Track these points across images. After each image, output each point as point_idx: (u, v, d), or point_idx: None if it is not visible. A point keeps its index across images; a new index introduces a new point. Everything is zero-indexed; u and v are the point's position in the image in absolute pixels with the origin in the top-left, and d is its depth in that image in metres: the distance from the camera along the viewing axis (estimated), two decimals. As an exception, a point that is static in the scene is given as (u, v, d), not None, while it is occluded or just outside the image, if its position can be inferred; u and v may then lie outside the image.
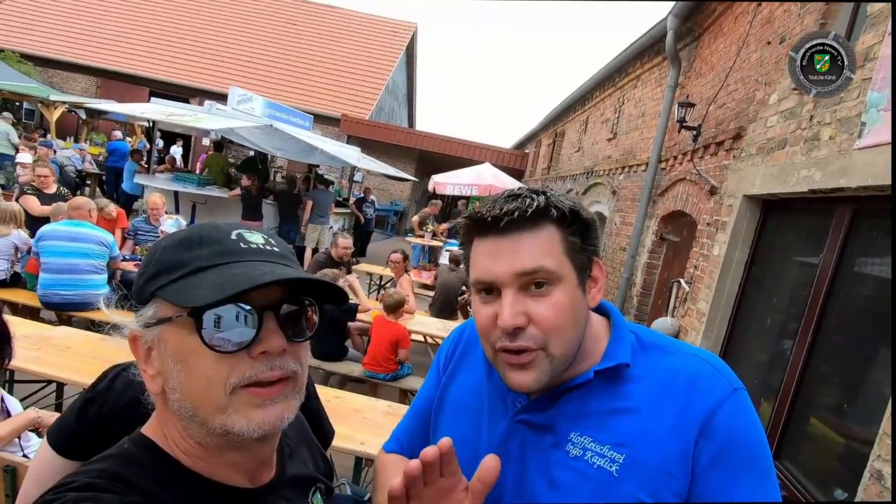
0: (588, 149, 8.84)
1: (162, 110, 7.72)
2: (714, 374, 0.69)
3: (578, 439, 0.69)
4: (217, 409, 0.54)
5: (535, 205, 0.66)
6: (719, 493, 0.64)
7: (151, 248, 0.61)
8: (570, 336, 0.68)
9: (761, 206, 3.36)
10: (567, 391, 0.72)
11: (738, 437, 0.65)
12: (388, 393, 3.83)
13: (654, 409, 0.67)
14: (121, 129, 12.08)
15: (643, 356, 0.73)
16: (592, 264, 0.72)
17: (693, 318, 3.81)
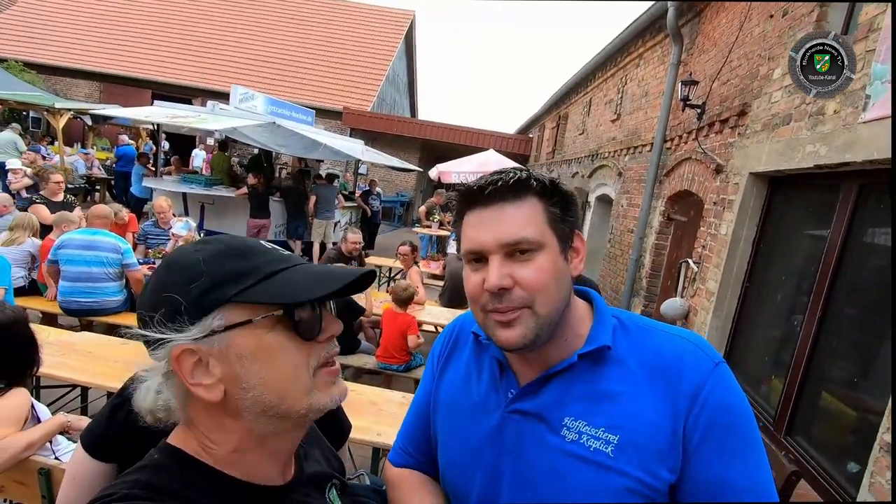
0: (592, 131, 8.77)
1: (165, 113, 7.78)
2: (696, 351, 0.71)
3: (573, 423, 0.71)
4: (304, 391, 0.62)
5: (517, 177, 0.71)
6: (710, 466, 0.67)
7: (182, 264, 0.60)
8: (553, 297, 0.71)
9: (768, 184, 3.34)
10: (554, 376, 0.74)
11: (722, 410, 0.68)
12: (403, 384, 3.90)
13: (642, 390, 0.70)
14: (126, 133, 12.19)
15: (626, 338, 0.75)
16: (573, 235, 0.75)
17: (702, 298, 3.81)
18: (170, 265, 0.61)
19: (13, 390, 1.72)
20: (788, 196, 3.19)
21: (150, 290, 0.61)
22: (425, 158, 16.04)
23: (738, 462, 0.67)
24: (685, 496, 0.68)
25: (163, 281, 0.60)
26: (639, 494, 0.67)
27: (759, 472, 0.68)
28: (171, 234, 4.83)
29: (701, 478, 0.67)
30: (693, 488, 0.68)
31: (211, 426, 0.63)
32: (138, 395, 0.63)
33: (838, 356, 2.51)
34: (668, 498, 0.69)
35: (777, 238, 3.26)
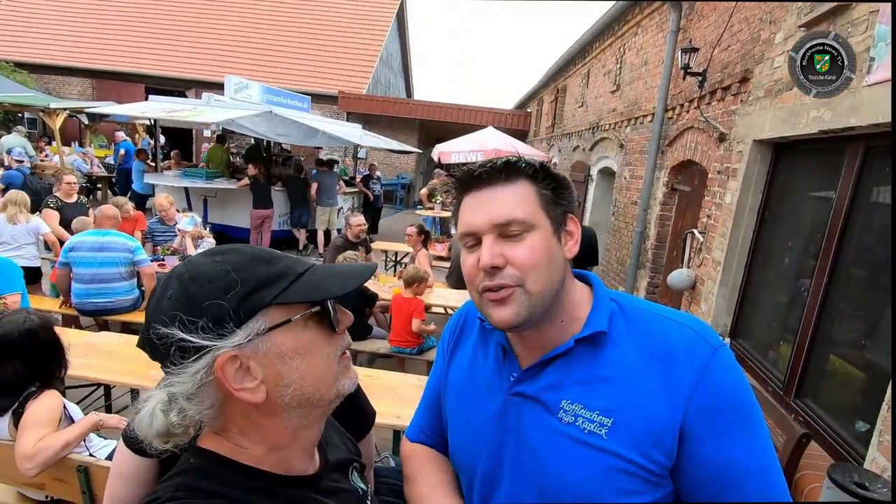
0: (592, 103, 8.67)
1: (162, 107, 7.75)
2: (694, 337, 0.72)
3: (570, 406, 0.74)
4: (333, 379, 0.68)
5: (507, 162, 0.75)
6: (714, 450, 0.68)
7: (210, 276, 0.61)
8: (545, 276, 0.73)
9: (772, 150, 3.32)
10: (552, 360, 0.77)
11: (722, 395, 0.69)
12: (416, 366, 3.97)
13: (639, 374, 0.72)
14: (122, 130, 12.14)
15: (625, 323, 0.76)
16: (566, 218, 0.77)
17: (709, 268, 3.83)
18: (195, 279, 0.61)
19: (45, 392, 1.78)
20: (793, 162, 3.18)
21: (179, 309, 0.59)
22: (424, 139, 15.92)
23: (741, 444, 0.68)
24: (691, 480, 0.70)
25: (194, 296, 0.60)
26: (633, 475, 0.70)
27: (763, 453, 0.69)
28: (177, 229, 4.86)
29: (706, 462, 0.69)
30: (698, 472, 0.70)
31: (247, 428, 0.65)
32: (142, 424, 0.62)
33: (845, 318, 2.55)
34: (666, 480, 0.71)
35: (782, 204, 3.26)
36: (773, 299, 3.26)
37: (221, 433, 0.66)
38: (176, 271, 0.64)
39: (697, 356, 0.70)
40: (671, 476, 0.71)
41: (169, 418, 0.61)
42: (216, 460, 0.64)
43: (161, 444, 0.63)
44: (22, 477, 1.72)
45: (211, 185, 7.98)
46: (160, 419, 0.61)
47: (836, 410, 2.47)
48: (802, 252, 2.95)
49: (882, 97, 2.12)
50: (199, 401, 0.61)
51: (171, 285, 0.62)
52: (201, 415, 0.61)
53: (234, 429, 0.65)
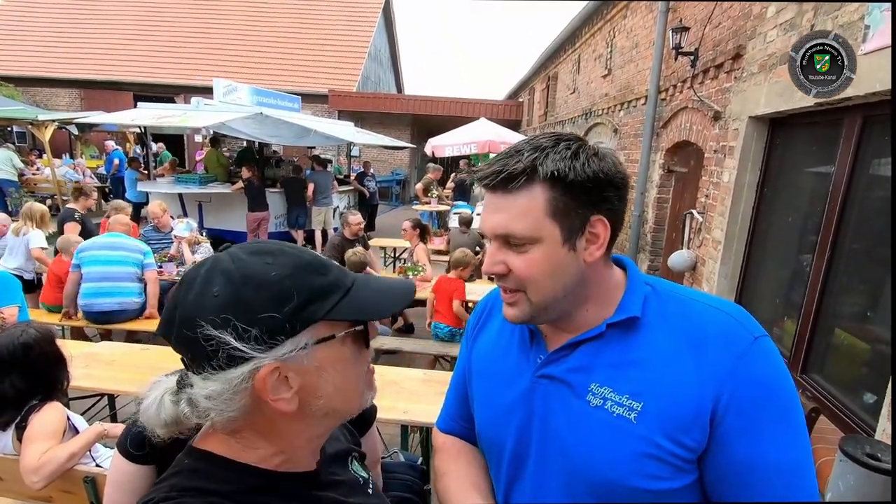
0: (584, 89, 8.62)
1: (151, 114, 7.68)
2: (733, 325, 0.70)
3: (598, 390, 0.72)
4: (360, 394, 0.68)
5: (519, 167, 0.69)
6: (747, 443, 0.66)
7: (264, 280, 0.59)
8: (546, 287, 0.72)
9: (768, 126, 3.30)
10: (582, 343, 0.76)
11: (760, 387, 0.66)
12: (421, 361, 3.96)
13: (672, 360, 0.70)
14: (113, 139, 12.06)
15: (659, 307, 0.74)
16: (589, 223, 0.72)
17: (709, 248, 3.82)
18: (247, 281, 0.58)
19: (48, 405, 1.76)
20: (790, 136, 3.16)
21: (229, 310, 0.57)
22: (416, 134, 15.85)
23: (774, 438, 0.66)
24: (718, 468, 0.69)
25: (247, 299, 0.57)
26: (661, 461, 0.68)
27: (797, 449, 0.67)
28: (173, 236, 4.83)
29: (735, 452, 0.67)
30: (727, 462, 0.68)
31: (266, 432, 0.64)
32: (148, 413, 0.61)
33: (849, 291, 2.54)
34: (692, 466, 0.69)
35: (781, 180, 3.24)
36: (775, 276, 3.24)
37: (231, 435, 0.64)
38: (220, 265, 0.60)
39: (734, 343, 0.68)
40: (697, 462, 0.70)
41: (180, 408, 0.60)
42: (214, 460, 0.63)
43: (167, 433, 0.61)
44: (28, 491, 1.70)
45: (205, 190, 7.92)
46: (169, 408, 0.60)
47: (844, 384, 2.46)
48: (803, 227, 2.94)
49: (878, 65, 2.09)
50: (223, 402, 0.59)
51: (215, 280, 0.59)
52: (222, 416, 0.59)
53: (250, 430, 0.64)
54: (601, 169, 0.70)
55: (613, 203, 0.72)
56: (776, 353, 0.69)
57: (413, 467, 1.81)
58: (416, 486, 1.77)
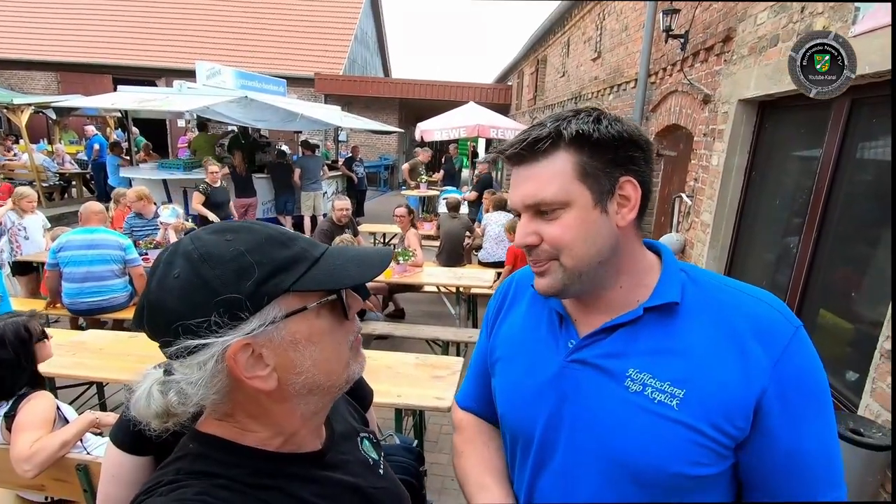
0: (573, 72, 8.58)
1: (132, 98, 7.50)
2: (776, 315, 0.70)
3: (638, 375, 0.71)
4: (345, 365, 0.66)
5: (544, 132, 0.70)
6: (789, 433, 0.68)
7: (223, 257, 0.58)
8: (581, 251, 0.72)
9: (757, 109, 3.31)
10: (618, 327, 0.74)
11: (803, 378, 0.68)
12: (413, 345, 3.98)
13: (714, 348, 0.70)
14: (93, 124, 11.74)
15: (696, 294, 0.74)
16: (619, 185, 0.71)
17: (698, 231, 3.86)
18: (206, 259, 0.57)
19: (36, 394, 1.74)
20: (779, 120, 3.18)
21: (189, 291, 0.56)
22: (405, 118, 15.69)
23: (814, 429, 0.68)
24: (759, 456, 0.70)
25: (206, 277, 0.56)
26: (703, 447, 0.68)
27: (832, 441, 0.70)
28: (158, 222, 4.73)
29: (778, 441, 0.68)
30: (769, 450, 0.69)
31: (256, 413, 0.63)
32: (139, 405, 0.60)
33: (834, 273, 2.58)
34: (731, 452, 0.70)
35: (769, 163, 3.27)
36: (762, 258, 3.29)
37: (225, 418, 0.64)
38: (182, 247, 0.59)
39: (779, 334, 0.68)
40: (736, 449, 0.71)
41: (168, 398, 0.59)
42: (217, 443, 0.63)
43: (160, 425, 0.60)
44: (20, 480, 1.69)
45: (189, 176, 7.78)
46: (158, 399, 0.59)
47: (828, 362, 2.51)
48: (790, 210, 2.98)
49: (868, 48, 2.10)
50: (204, 387, 0.58)
51: (176, 262, 0.58)
52: (206, 400, 0.59)
53: (242, 413, 0.63)
54: (624, 129, 0.71)
55: (640, 164, 0.72)
56: (810, 342, 0.71)
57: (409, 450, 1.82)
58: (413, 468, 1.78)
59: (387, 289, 4.86)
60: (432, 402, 2.25)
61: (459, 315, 4.68)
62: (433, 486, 2.69)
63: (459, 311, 4.68)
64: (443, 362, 2.70)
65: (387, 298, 5.10)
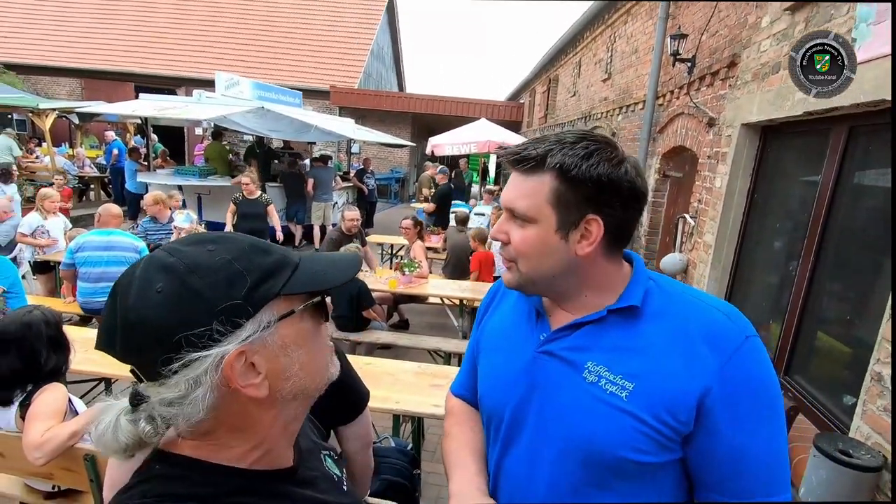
0: (584, 92, 8.70)
1: (152, 106, 7.72)
2: (727, 323, 0.76)
3: (595, 368, 0.78)
4: (326, 368, 0.69)
5: (532, 153, 0.78)
6: (731, 436, 0.72)
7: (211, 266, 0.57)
8: (534, 264, 0.81)
9: (760, 134, 3.37)
10: (583, 325, 0.82)
11: (748, 384, 0.72)
12: (417, 355, 4.02)
13: (667, 349, 0.75)
14: (113, 129, 12.06)
15: (661, 301, 0.80)
16: (585, 220, 0.77)
17: (700, 251, 3.89)
18: (193, 270, 0.56)
19: (50, 385, 1.81)
20: (781, 145, 3.23)
21: (178, 304, 0.54)
22: (417, 133, 15.89)
23: (759, 433, 0.73)
24: (703, 454, 0.75)
25: (196, 288, 0.55)
26: (647, 437, 0.74)
27: (777, 445, 0.74)
28: (172, 227, 4.85)
29: (721, 442, 0.73)
30: (712, 450, 0.74)
31: (242, 426, 0.62)
32: (105, 439, 0.56)
33: (832, 297, 2.61)
34: (675, 445, 0.75)
35: (771, 187, 3.31)
36: (762, 280, 3.32)
37: (200, 437, 0.61)
38: (156, 262, 0.57)
39: (728, 340, 0.73)
40: (683, 443, 0.76)
41: (140, 427, 0.56)
42: (186, 464, 0.60)
43: (126, 458, 0.58)
44: (29, 467, 1.75)
45: (204, 183, 7.97)
46: (128, 430, 0.56)
47: (825, 385, 2.54)
48: (791, 233, 3.01)
49: (865, 77, 2.16)
50: (190, 406, 0.55)
51: (155, 278, 0.55)
52: (191, 419, 0.56)
53: (223, 428, 0.61)
54: (609, 174, 0.75)
55: (615, 208, 0.77)
56: (765, 352, 0.76)
57: (404, 452, 1.88)
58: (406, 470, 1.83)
59: (392, 299, 4.92)
60: (430, 410, 2.30)
61: (462, 327, 4.72)
62: (429, 494, 2.72)
63: (462, 323, 4.72)
64: (443, 372, 2.75)
65: (392, 309, 5.16)
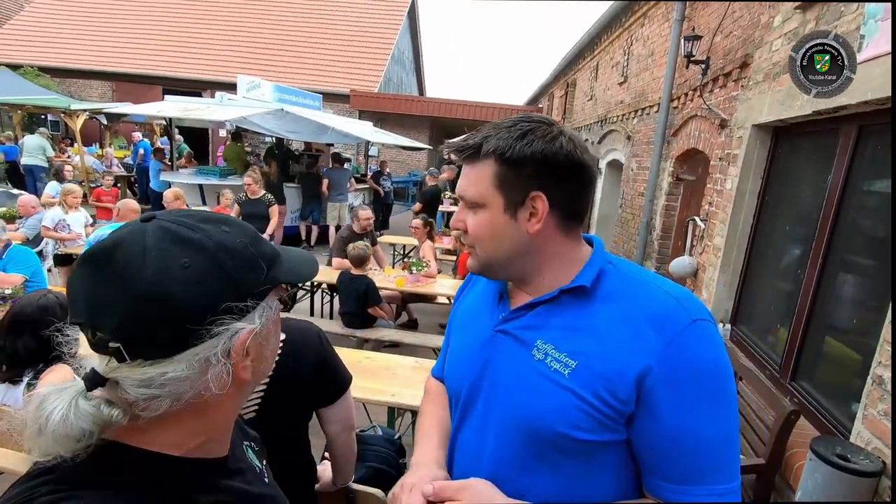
0: (600, 96, 8.64)
1: (176, 107, 7.95)
2: (675, 305, 0.76)
3: (543, 346, 0.81)
4: (275, 354, 0.72)
5: (470, 144, 0.82)
6: (674, 416, 0.72)
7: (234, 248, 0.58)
8: (490, 247, 0.84)
9: (771, 134, 3.31)
10: (537, 305, 0.84)
11: (690, 364, 0.72)
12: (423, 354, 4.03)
13: (612, 329, 0.77)
14: (140, 130, 12.46)
15: (614, 283, 0.81)
16: (529, 197, 0.79)
17: (710, 255, 3.83)
18: (223, 249, 0.56)
19: (58, 366, 1.89)
20: (791, 146, 3.17)
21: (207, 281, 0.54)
22: (435, 136, 15.98)
23: (703, 416, 0.72)
24: (649, 438, 0.75)
25: (226, 268, 0.56)
26: (587, 414, 0.75)
27: (721, 426, 0.73)
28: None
29: (666, 425, 0.73)
30: (657, 432, 0.74)
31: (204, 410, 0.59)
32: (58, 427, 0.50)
33: (840, 301, 2.54)
34: (618, 426, 0.75)
35: (781, 189, 3.25)
36: (772, 284, 3.25)
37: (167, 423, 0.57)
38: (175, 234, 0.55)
39: (674, 323, 0.74)
40: (626, 424, 0.76)
41: (105, 411, 0.53)
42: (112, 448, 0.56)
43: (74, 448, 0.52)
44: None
45: (224, 183, 8.16)
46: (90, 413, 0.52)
47: (831, 391, 2.47)
48: (800, 236, 2.94)
49: (873, 74, 2.11)
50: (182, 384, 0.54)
51: (175, 251, 0.53)
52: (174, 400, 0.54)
53: (186, 412, 0.57)
54: (543, 150, 0.78)
55: (556, 182, 0.79)
56: (713, 336, 0.75)
57: (391, 441, 1.90)
58: (392, 458, 1.85)
59: (400, 298, 4.96)
60: (424, 403, 2.32)
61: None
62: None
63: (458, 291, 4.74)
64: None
65: (400, 308, 5.20)
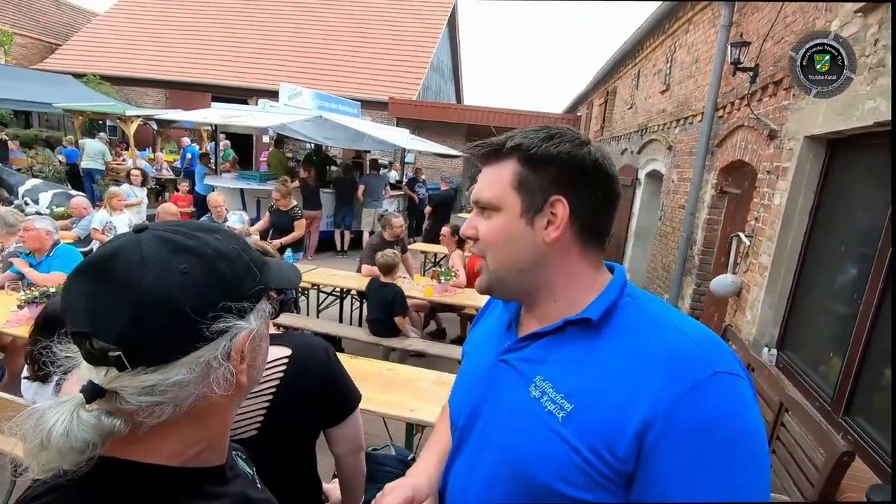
0: (641, 104, 8.38)
1: (221, 114, 8.25)
2: (695, 352, 0.64)
3: (541, 383, 0.73)
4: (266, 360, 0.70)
5: (494, 143, 0.77)
6: (675, 476, 0.61)
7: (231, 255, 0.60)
8: (502, 256, 0.77)
9: (826, 147, 3.08)
10: (543, 335, 0.76)
11: (703, 425, 0.60)
12: (445, 365, 3.97)
13: (618, 372, 0.66)
14: (189, 136, 13.01)
15: (628, 319, 0.72)
16: (549, 202, 0.73)
17: (755, 273, 3.60)
18: (219, 256, 0.58)
19: (83, 366, 1.95)
20: (848, 159, 2.94)
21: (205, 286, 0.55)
22: (472, 144, 15.94)
23: (712, 492, 0.59)
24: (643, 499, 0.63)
25: (223, 273, 0.57)
26: (578, 468, 0.65)
27: (737, 497, 0.59)
28: (226, 227, 5.14)
29: (670, 490, 0.61)
30: (650, 495, 0.63)
31: (203, 417, 0.59)
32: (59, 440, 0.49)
33: (903, 330, 2.31)
34: (616, 487, 0.64)
35: (836, 206, 3.01)
36: (824, 307, 3.01)
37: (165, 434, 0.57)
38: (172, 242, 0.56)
39: (687, 371, 0.62)
40: (625, 486, 0.64)
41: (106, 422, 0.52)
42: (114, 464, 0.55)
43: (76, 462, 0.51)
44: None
45: (264, 187, 8.39)
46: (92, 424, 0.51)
47: (888, 427, 2.24)
48: (857, 256, 2.71)
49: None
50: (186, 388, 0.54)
51: (173, 258, 0.54)
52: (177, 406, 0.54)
53: (186, 421, 0.57)
54: (570, 152, 0.73)
55: (580, 189, 0.74)
56: (739, 394, 0.62)
57: (404, 462, 1.84)
58: (403, 479, 1.79)
59: (429, 307, 4.92)
60: (443, 420, 2.25)
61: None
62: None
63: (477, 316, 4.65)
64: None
65: (429, 316, 5.16)
